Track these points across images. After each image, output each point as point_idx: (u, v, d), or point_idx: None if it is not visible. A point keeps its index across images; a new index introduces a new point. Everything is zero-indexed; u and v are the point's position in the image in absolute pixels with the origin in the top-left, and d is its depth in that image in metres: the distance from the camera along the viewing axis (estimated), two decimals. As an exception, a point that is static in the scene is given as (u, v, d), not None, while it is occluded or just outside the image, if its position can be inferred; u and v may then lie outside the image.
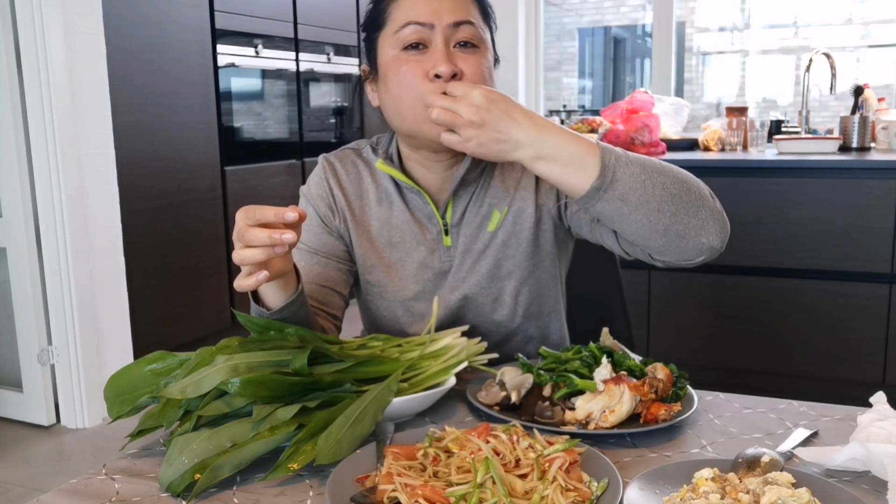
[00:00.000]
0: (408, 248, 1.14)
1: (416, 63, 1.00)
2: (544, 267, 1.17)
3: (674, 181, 0.93)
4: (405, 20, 1.00)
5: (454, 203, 1.13)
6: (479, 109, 0.89)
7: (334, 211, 1.16)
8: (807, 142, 2.80)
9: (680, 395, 0.94)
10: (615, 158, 0.92)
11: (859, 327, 2.56)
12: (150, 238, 3.03)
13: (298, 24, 3.79)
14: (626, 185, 0.91)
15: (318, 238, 1.15)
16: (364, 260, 1.15)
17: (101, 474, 0.81)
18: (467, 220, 1.13)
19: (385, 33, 1.03)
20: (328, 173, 1.17)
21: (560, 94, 9.92)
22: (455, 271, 1.14)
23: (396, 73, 1.01)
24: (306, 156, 3.93)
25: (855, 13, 8.64)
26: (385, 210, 1.15)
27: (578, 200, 0.92)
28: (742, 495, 0.67)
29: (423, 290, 1.14)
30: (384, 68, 1.04)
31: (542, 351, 1.03)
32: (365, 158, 1.19)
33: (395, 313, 1.16)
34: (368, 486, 0.72)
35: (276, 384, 0.84)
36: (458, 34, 1.01)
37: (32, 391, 2.78)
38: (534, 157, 0.91)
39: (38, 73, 2.58)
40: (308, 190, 1.18)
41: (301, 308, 0.97)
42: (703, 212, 0.94)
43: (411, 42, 1.00)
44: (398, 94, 1.02)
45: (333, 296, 1.13)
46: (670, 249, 0.95)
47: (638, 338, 2.73)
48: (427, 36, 1.00)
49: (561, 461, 0.72)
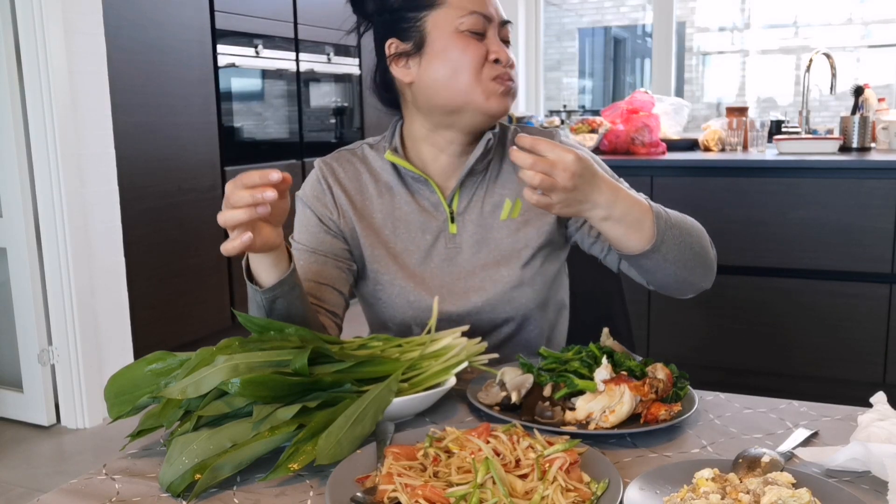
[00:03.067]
0: (413, 237, 1.16)
1: (479, 45, 1.09)
2: (555, 256, 1.20)
3: (697, 240, 1.07)
4: (471, 8, 1.09)
5: (461, 192, 1.17)
6: (573, 176, 0.91)
7: (333, 208, 1.17)
8: (807, 142, 2.80)
9: (680, 396, 0.94)
10: (664, 223, 1.02)
11: (859, 327, 2.56)
12: (150, 238, 3.03)
13: (298, 24, 3.79)
14: (669, 248, 1.02)
15: (316, 237, 1.16)
16: (371, 249, 1.16)
17: (102, 474, 0.81)
18: (475, 207, 1.17)
19: (440, 13, 1.09)
20: (325, 173, 1.19)
21: (560, 94, 9.92)
22: (462, 259, 1.16)
23: (461, 49, 1.08)
24: (306, 156, 3.93)
25: (855, 13, 8.64)
26: (387, 201, 1.18)
27: (626, 256, 1.03)
28: (742, 495, 0.67)
29: (432, 277, 1.15)
30: (440, 45, 1.09)
31: (542, 351, 1.03)
32: (361, 157, 1.21)
33: (406, 300, 1.15)
34: (369, 487, 0.72)
35: (277, 384, 0.84)
36: (502, 31, 1.12)
37: (33, 391, 2.78)
38: (604, 217, 0.97)
39: (38, 73, 2.58)
40: (304, 193, 1.20)
41: (293, 289, 0.98)
42: (709, 262, 1.10)
43: (476, 29, 1.09)
44: (460, 68, 1.08)
45: (332, 293, 1.14)
46: (675, 290, 1.11)
47: (638, 338, 2.73)
48: (485, 27, 1.10)
49: (561, 461, 0.72)
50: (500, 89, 1.09)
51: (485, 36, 1.09)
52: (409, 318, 1.16)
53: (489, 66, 1.09)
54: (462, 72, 1.08)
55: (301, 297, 1.01)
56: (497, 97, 1.09)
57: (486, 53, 1.09)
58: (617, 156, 2.95)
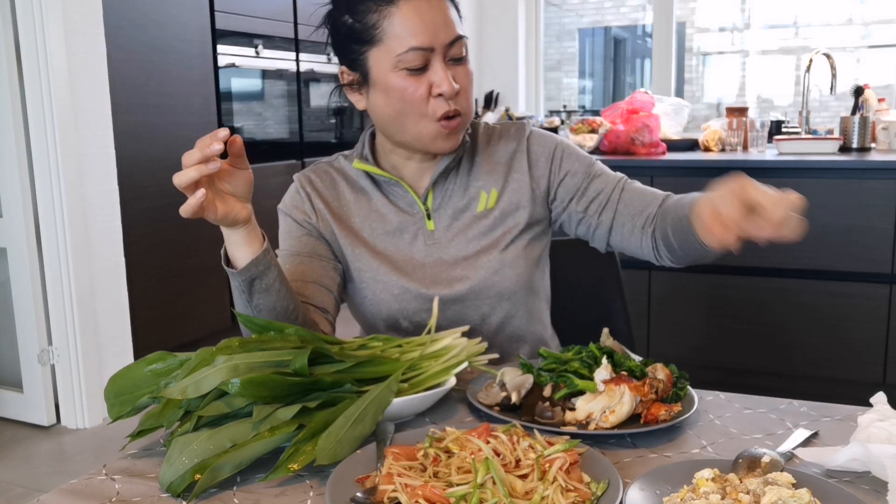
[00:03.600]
0: (392, 236, 1.18)
1: (419, 82, 1.06)
2: (537, 239, 1.22)
3: None
4: (407, 46, 1.04)
5: (434, 190, 1.19)
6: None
7: (312, 213, 1.19)
8: (807, 142, 2.80)
9: (680, 396, 0.94)
10: None
11: (859, 327, 2.56)
12: (150, 238, 3.03)
13: (298, 25, 3.79)
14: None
15: (299, 241, 1.18)
16: (351, 248, 1.18)
17: (102, 474, 0.81)
18: (451, 203, 1.19)
19: (380, 50, 1.07)
20: (303, 183, 1.22)
21: (560, 95, 9.92)
22: (442, 252, 1.18)
23: (400, 90, 1.07)
24: (306, 156, 3.93)
25: (855, 13, 8.64)
26: (364, 205, 1.20)
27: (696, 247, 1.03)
28: (742, 496, 0.67)
29: (415, 270, 1.17)
30: (381, 82, 1.09)
31: (542, 351, 1.03)
32: (337, 167, 1.24)
33: (391, 294, 1.17)
34: (369, 487, 0.72)
35: (277, 384, 0.84)
36: (451, 51, 1.07)
37: (33, 391, 2.78)
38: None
39: (38, 73, 2.58)
40: (284, 205, 1.23)
41: (269, 269, 0.99)
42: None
43: (415, 66, 1.05)
44: (402, 110, 1.08)
45: (319, 290, 1.14)
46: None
47: (638, 338, 2.73)
48: (427, 59, 1.06)
49: (561, 461, 0.72)
50: (444, 133, 1.09)
51: (426, 68, 1.06)
52: (396, 312, 1.17)
53: (434, 103, 1.07)
54: (405, 114, 1.08)
55: (280, 281, 1.01)
56: (442, 139, 1.10)
57: (430, 87, 1.06)
58: (617, 156, 2.95)
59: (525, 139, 1.22)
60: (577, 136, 3.09)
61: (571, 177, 1.20)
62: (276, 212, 1.22)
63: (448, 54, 1.07)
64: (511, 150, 1.21)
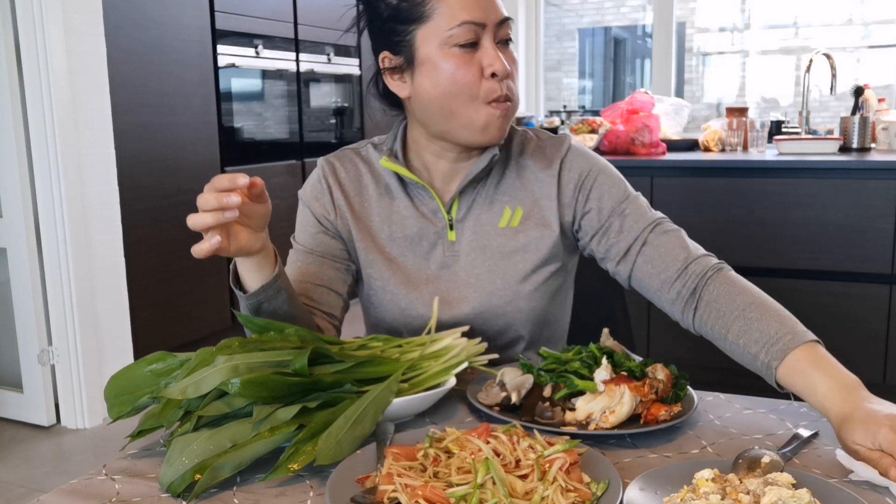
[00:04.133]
0: (410, 243, 1.14)
1: (470, 62, 1.02)
2: (559, 273, 1.17)
3: None
4: (460, 19, 1.01)
5: (460, 198, 1.14)
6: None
7: (331, 208, 1.16)
8: (807, 142, 2.80)
9: (680, 396, 0.94)
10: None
11: (859, 327, 2.56)
12: (150, 238, 3.03)
13: (298, 25, 3.79)
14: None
15: (314, 238, 1.16)
16: (366, 254, 1.15)
17: (102, 475, 0.81)
18: (474, 215, 1.14)
19: (428, 28, 1.02)
20: (326, 172, 1.18)
21: (560, 95, 9.93)
22: (458, 266, 1.14)
23: (450, 70, 1.02)
24: (306, 156, 3.93)
25: (855, 13, 8.65)
26: (386, 205, 1.16)
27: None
28: (742, 496, 0.67)
29: (426, 284, 1.14)
30: (429, 62, 1.03)
31: (542, 352, 1.03)
32: (364, 157, 1.19)
33: (398, 307, 1.14)
34: (369, 487, 0.72)
35: (277, 384, 0.83)
36: (500, 31, 1.04)
37: (32, 391, 2.78)
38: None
39: (38, 73, 2.58)
40: (304, 192, 1.19)
41: (278, 294, 0.98)
42: None
43: (467, 41, 1.02)
44: (452, 92, 1.03)
45: (329, 294, 1.13)
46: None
47: (638, 338, 2.73)
48: (478, 35, 1.02)
49: (561, 462, 0.72)
50: (497, 114, 1.04)
51: (478, 45, 1.02)
52: (400, 325, 1.15)
53: (485, 84, 1.03)
54: (454, 97, 1.03)
55: (289, 302, 1.00)
56: (494, 127, 1.05)
57: (481, 68, 1.02)
58: (617, 156, 2.95)
59: (559, 161, 1.14)
60: (576, 136, 3.09)
61: (597, 213, 1.12)
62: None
63: (497, 34, 1.03)
64: (543, 170, 1.14)
